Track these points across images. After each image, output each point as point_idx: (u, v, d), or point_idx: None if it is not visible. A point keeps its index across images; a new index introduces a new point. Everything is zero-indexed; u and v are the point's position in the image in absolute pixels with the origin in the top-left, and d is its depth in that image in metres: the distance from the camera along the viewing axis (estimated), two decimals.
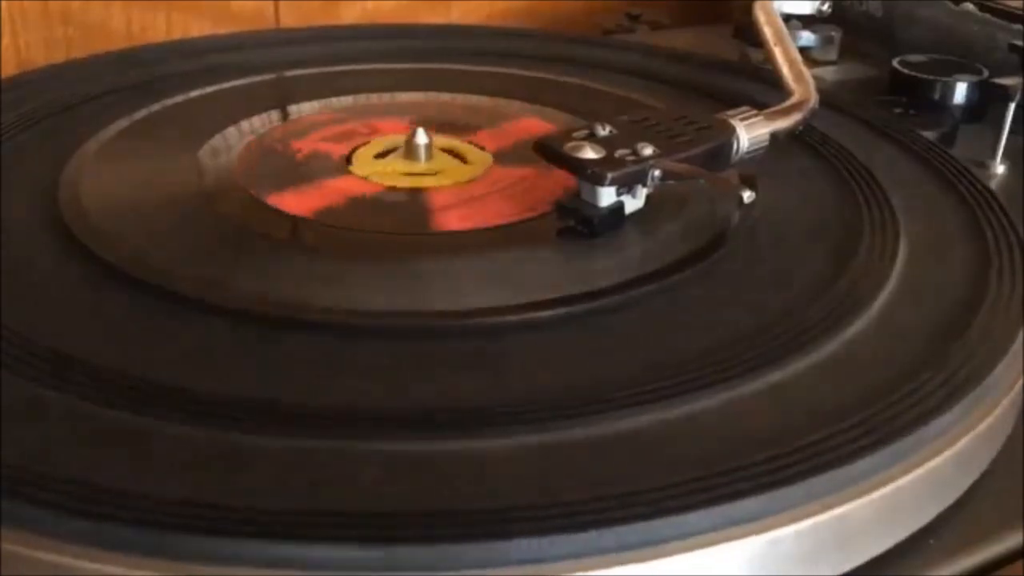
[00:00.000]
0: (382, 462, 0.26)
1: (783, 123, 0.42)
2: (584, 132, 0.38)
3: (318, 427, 0.27)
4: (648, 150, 0.37)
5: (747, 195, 0.35)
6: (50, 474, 0.25)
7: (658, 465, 0.26)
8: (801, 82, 0.46)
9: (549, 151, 0.37)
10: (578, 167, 0.36)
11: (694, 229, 0.38)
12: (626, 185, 0.37)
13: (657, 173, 0.37)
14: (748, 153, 0.40)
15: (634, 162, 0.36)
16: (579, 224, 0.37)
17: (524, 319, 0.33)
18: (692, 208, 0.39)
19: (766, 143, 0.40)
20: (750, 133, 0.40)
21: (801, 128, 0.44)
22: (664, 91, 0.51)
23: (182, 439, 0.27)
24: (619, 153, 0.37)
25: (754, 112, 0.41)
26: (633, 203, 0.37)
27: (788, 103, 0.44)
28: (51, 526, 0.24)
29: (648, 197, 0.38)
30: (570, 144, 0.37)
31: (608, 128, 0.38)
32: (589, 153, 0.36)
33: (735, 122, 0.40)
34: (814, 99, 0.45)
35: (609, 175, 0.36)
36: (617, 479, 0.26)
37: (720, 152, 0.39)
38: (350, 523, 0.24)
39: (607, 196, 0.36)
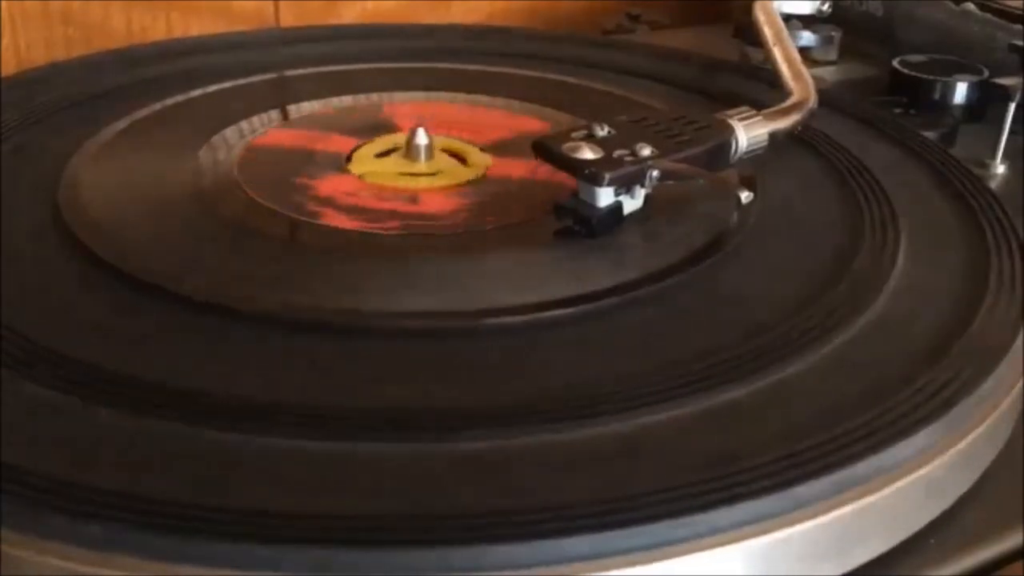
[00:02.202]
0: (383, 463, 0.26)
1: (782, 123, 0.42)
2: (582, 132, 0.38)
3: (318, 427, 0.27)
4: (646, 150, 0.37)
5: (745, 195, 0.35)
6: (50, 474, 0.25)
7: (658, 467, 0.26)
8: (800, 82, 0.46)
9: (547, 151, 0.37)
10: (576, 167, 0.36)
11: (694, 229, 0.38)
12: (624, 185, 0.37)
13: (655, 173, 0.37)
14: (747, 153, 0.40)
15: (632, 162, 0.36)
16: (577, 224, 0.37)
17: (524, 320, 0.32)
18: (692, 208, 0.39)
19: (765, 143, 0.40)
20: (749, 133, 0.40)
21: (800, 128, 0.44)
22: (664, 91, 0.51)
23: (182, 439, 0.27)
24: (617, 153, 0.37)
25: (753, 112, 0.41)
26: (631, 203, 0.37)
27: (787, 103, 0.44)
28: (51, 526, 0.24)
29: (648, 197, 0.38)
30: (568, 144, 0.37)
31: (606, 128, 0.38)
32: (587, 153, 0.36)
33: (734, 122, 0.40)
34: (813, 99, 0.45)
35: (607, 175, 0.36)
36: (617, 480, 0.26)
37: (719, 152, 0.39)
38: (350, 524, 0.24)
39: (605, 196, 0.36)
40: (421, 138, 0.42)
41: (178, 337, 0.31)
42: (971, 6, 0.58)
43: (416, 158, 0.42)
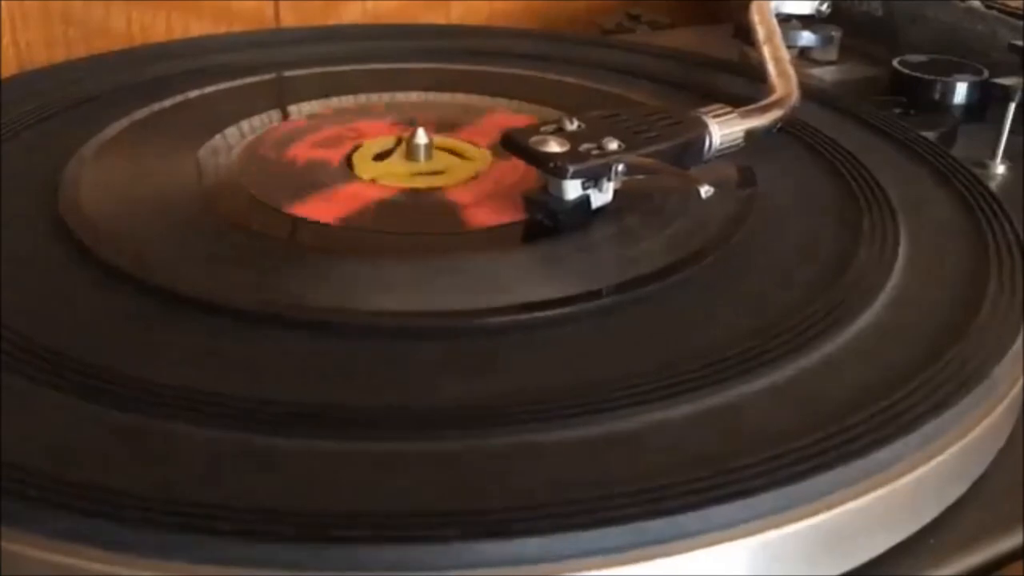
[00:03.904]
0: (382, 463, 0.26)
1: (759, 120, 0.42)
2: (552, 126, 0.38)
3: (317, 427, 0.27)
4: (613, 144, 0.37)
5: (704, 190, 0.35)
6: (50, 474, 0.25)
7: (657, 466, 0.26)
8: (783, 80, 0.46)
9: (514, 144, 0.37)
10: (541, 160, 0.37)
11: (693, 229, 0.38)
12: (590, 179, 0.37)
13: (621, 167, 0.37)
14: (721, 150, 0.40)
15: (598, 156, 0.36)
16: (544, 217, 0.37)
17: (524, 319, 0.33)
18: (691, 208, 0.39)
19: (740, 140, 0.41)
20: (723, 130, 0.40)
21: (781, 125, 0.44)
22: (663, 91, 0.51)
23: (182, 439, 0.27)
24: (584, 147, 0.37)
25: (728, 109, 0.41)
26: (600, 197, 0.37)
27: (766, 101, 0.44)
28: (51, 526, 0.24)
29: (651, 197, 0.38)
30: (535, 138, 0.37)
31: (576, 123, 0.38)
32: (553, 147, 0.36)
33: (708, 119, 0.40)
34: (795, 97, 0.45)
35: (571, 168, 0.36)
36: (616, 479, 0.26)
37: (690, 148, 0.39)
38: (348, 524, 0.24)
39: (572, 189, 0.37)
40: (421, 138, 0.42)
41: (178, 337, 0.31)
42: (976, 3, 0.58)
43: (416, 158, 0.42)
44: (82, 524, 0.24)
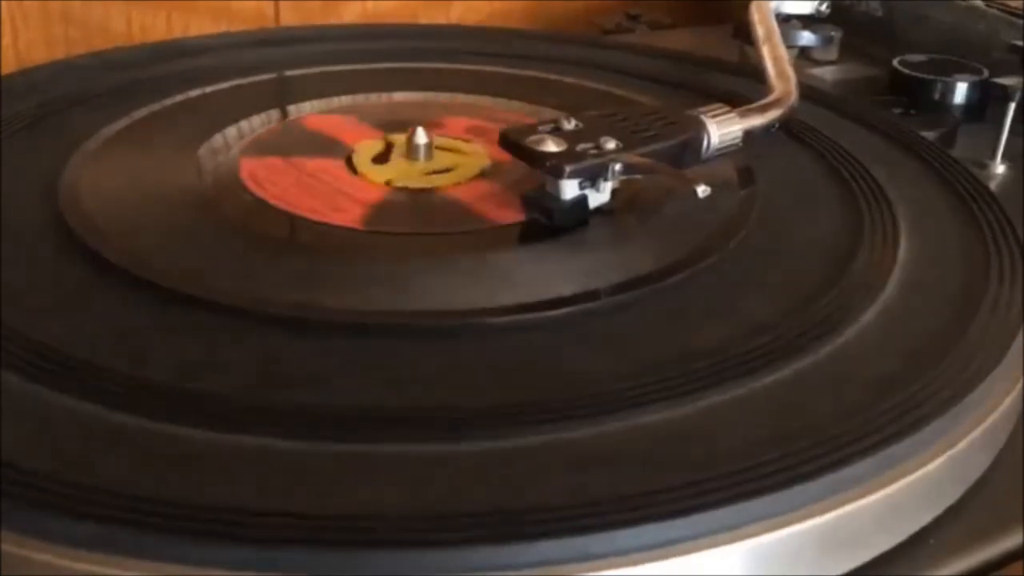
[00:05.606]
0: (380, 464, 0.26)
1: (757, 120, 0.42)
2: (549, 126, 0.38)
3: (317, 428, 0.27)
4: (611, 144, 0.37)
5: (701, 190, 0.35)
6: (50, 474, 0.25)
7: (657, 467, 0.26)
8: (782, 80, 0.46)
9: (511, 143, 0.38)
10: (538, 160, 0.37)
11: (693, 230, 0.38)
12: (587, 178, 0.37)
13: (618, 167, 0.37)
14: (720, 150, 0.40)
15: (595, 155, 0.36)
16: (542, 216, 0.37)
17: (522, 319, 0.32)
18: (691, 209, 0.39)
19: (738, 140, 0.41)
20: (721, 130, 0.40)
21: (779, 125, 0.44)
22: (662, 91, 0.51)
23: (182, 439, 0.27)
24: (581, 147, 0.37)
25: (727, 109, 0.41)
26: (597, 196, 0.37)
27: (765, 100, 0.44)
28: (51, 527, 0.24)
29: (650, 197, 0.38)
30: (533, 137, 0.37)
31: (574, 122, 0.38)
32: (550, 146, 0.37)
33: (706, 119, 0.40)
34: (793, 97, 0.45)
35: (567, 168, 0.36)
36: (616, 481, 0.26)
37: (688, 148, 0.39)
38: (348, 524, 0.24)
39: (570, 189, 0.37)
40: (421, 138, 0.42)
41: (177, 336, 0.31)
42: (977, 2, 0.58)
43: (416, 157, 0.42)
44: (81, 525, 0.24)
